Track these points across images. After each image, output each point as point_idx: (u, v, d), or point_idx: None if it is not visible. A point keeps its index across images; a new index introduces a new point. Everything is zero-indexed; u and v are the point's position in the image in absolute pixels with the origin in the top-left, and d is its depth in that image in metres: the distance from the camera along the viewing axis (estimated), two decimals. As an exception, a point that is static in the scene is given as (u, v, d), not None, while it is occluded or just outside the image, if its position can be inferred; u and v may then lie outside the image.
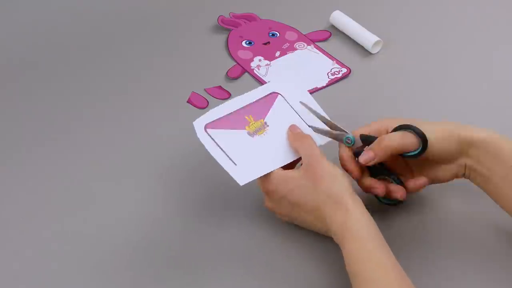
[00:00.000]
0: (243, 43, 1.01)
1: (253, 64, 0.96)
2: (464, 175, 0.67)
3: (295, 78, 0.93)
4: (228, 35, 1.03)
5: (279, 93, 0.74)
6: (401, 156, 0.66)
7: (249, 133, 0.71)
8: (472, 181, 0.67)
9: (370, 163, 0.65)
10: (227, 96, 0.91)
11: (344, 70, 0.94)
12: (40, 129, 0.87)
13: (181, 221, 0.73)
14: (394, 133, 0.66)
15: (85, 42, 1.04)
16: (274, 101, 0.73)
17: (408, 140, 0.64)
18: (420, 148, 0.64)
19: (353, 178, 0.67)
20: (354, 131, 0.69)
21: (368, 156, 0.65)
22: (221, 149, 0.69)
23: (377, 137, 0.66)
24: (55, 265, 0.69)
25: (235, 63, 0.97)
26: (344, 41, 1.00)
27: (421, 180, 0.68)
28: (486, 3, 1.08)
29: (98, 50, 1.02)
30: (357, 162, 0.67)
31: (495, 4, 1.07)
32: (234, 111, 0.72)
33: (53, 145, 0.84)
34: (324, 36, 1.02)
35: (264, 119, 0.72)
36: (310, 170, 0.64)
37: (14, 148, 0.84)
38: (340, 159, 0.68)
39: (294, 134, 0.70)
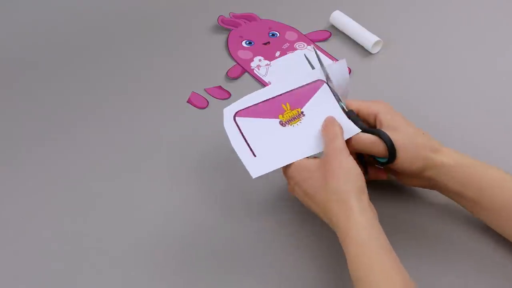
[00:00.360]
0: (243, 43, 1.01)
1: (253, 64, 0.96)
2: (431, 188, 0.69)
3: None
4: (228, 35, 1.03)
5: (325, 82, 0.70)
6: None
7: (281, 123, 0.68)
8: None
9: None
10: (227, 96, 0.91)
11: (344, 70, 0.94)
12: (40, 129, 0.87)
13: (181, 221, 0.73)
14: (367, 135, 0.67)
15: (85, 42, 1.04)
16: (318, 90, 0.70)
17: (377, 148, 0.66)
18: (387, 160, 0.66)
19: None
20: (350, 101, 0.70)
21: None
22: (245, 138, 0.67)
23: (359, 122, 0.68)
24: (55, 265, 0.69)
25: (235, 63, 0.97)
26: (344, 41, 1.00)
27: (381, 174, 0.71)
28: (486, 3, 1.08)
29: (98, 50, 1.02)
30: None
31: (495, 4, 1.07)
32: (271, 98, 0.68)
33: (53, 145, 0.84)
34: (324, 36, 1.02)
35: (302, 108, 0.68)
36: (326, 162, 0.63)
37: (14, 148, 0.84)
38: None
39: (325, 121, 0.68)
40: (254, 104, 0.68)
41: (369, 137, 0.66)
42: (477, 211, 0.66)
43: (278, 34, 1.02)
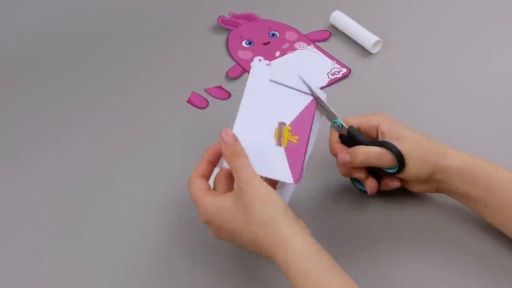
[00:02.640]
0: (243, 43, 1.01)
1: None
2: (439, 192, 0.69)
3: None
4: (228, 35, 1.03)
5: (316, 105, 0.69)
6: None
7: (277, 143, 0.65)
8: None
9: (346, 165, 0.68)
10: (227, 96, 0.91)
11: (344, 70, 0.94)
12: (40, 129, 0.87)
13: (181, 221, 0.73)
14: (373, 149, 0.66)
15: (85, 42, 1.04)
16: (314, 117, 0.69)
17: (385, 160, 0.66)
18: (397, 169, 0.66)
19: (337, 160, 0.69)
20: (347, 118, 0.70)
21: (344, 159, 0.67)
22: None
23: (361, 136, 0.68)
24: (55, 265, 0.69)
25: (235, 63, 0.97)
26: (344, 41, 1.00)
27: (394, 183, 0.70)
28: (486, 3, 1.08)
29: (98, 50, 1.02)
30: (343, 146, 0.70)
31: (495, 4, 1.07)
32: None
33: (53, 145, 0.84)
34: (324, 36, 1.02)
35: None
36: (241, 195, 0.58)
37: (14, 148, 0.84)
38: (329, 141, 0.71)
39: (227, 146, 0.61)
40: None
41: (376, 150, 0.66)
42: (484, 212, 0.66)
43: (278, 34, 1.02)
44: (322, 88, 0.91)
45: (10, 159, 0.83)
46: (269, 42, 1.01)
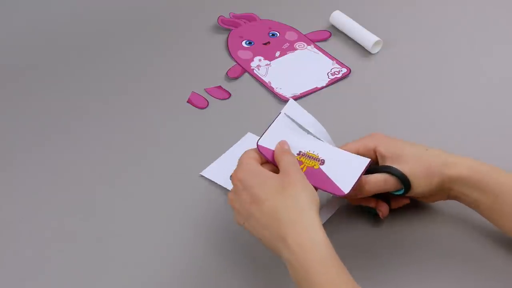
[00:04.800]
0: (243, 43, 1.01)
1: (253, 64, 0.96)
2: (450, 199, 0.68)
3: (294, 78, 0.93)
4: (228, 35, 1.03)
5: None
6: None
7: (321, 164, 0.66)
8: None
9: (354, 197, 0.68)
10: (227, 96, 0.91)
11: (344, 70, 0.94)
12: (40, 129, 0.87)
13: (181, 220, 0.73)
14: (376, 177, 0.66)
15: (85, 42, 1.04)
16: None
17: (390, 184, 0.66)
18: (403, 190, 0.66)
19: None
20: (345, 145, 0.69)
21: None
22: None
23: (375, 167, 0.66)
24: (55, 265, 0.69)
25: (235, 63, 0.97)
26: (344, 41, 1.00)
27: (404, 201, 0.70)
28: (486, 3, 1.08)
29: (98, 50, 1.02)
30: None
31: (495, 4, 1.07)
32: None
33: (53, 145, 0.84)
34: (324, 36, 1.02)
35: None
36: (285, 174, 0.61)
37: (14, 148, 0.84)
38: None
39: (279, 145, 0.66)
40: None
41: (379, 178, 0.65)
42: (495, 218, 0.65)
43: (278, 34, 1.02)
44: (322, 88, 0.91)
45: (10, 159, 0.82)
46: (269, 42, 1.01)
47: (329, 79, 0.93)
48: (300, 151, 0.67)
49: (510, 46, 0.98)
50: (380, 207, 0.69)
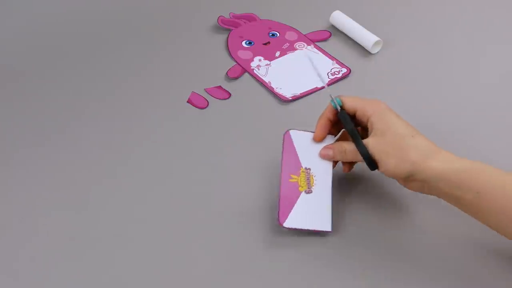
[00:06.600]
0: (243, 43, 1.01)
1: (253, 64, 0.96)
2: (430, 193, 0.68)
3: (294, 78, 0.93)
4: (228, 35, 1.03)
5: (288, 130, 0.73)
6: None
7: (306, 192, 0.70)
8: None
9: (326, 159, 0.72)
10: (227, 96, 0.91)
11: (344, 70, 0.94)
12: (39, 129, 0.87)
13: (181, 221, 0.73)
14: (349, 147, 0.69)
15: (85, 42, 1.04)
16: (291, 139, 0.72)
17: (359, 158, 0.69)
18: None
19: (314, 136, 0.73)
20: (346, 98, 0.71)
21: (327, 154, 0.72)
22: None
23: (348, 125, 0.70)
24: (55, 265, 0.69)
25: (235, 63, 0.97)
26: (344, 41, 1.00)
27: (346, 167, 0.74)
28: (486, 3, 1.08)
29: (98, 50, 1.02)
30: (325, 127, 0.72)
31: (495, 4, 1.07)
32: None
33: (52, 145, 0.84)
34: (324, 36, 1.02)
35: (301, 165, 0.71)
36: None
37: (12, 148, 0.84)
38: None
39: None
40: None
41: (351, 149, 0.69)
42: (477, 215, 0.65)
43: (278, 34, 1.02)
44: (322, 88, 0.91)
45: (7, 160, 0.82)
46: (269, 42, 1.01)
47: (329, 79, 0.93)
48: (307, 167, 0.71)
49: (511, 46, 0.98)
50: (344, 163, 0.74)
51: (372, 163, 0.67)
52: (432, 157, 0.65)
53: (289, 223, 0.68)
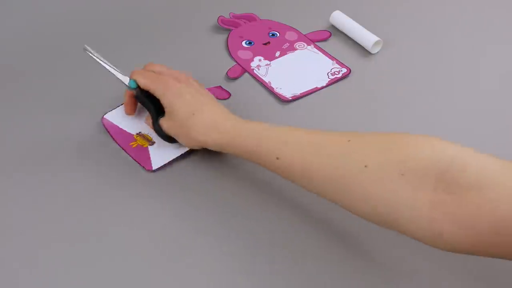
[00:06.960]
0: (243, 43, 1.01)
1: (253, 64, 0.96)
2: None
3: (294, 78, 0.93)
4: (228, 35, 1.03)
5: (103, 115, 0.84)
6: None
7: (150, 145, 0.80)
8: None
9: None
10: (227, 96, 0.91)
11: (344, 70, 0.94)
12: (40, 129, 0.87)
13: (181, 220, 0.73)
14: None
15: (85, 42, 1.03)
16: (110, 121, 0.84)
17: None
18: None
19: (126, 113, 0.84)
20: (140, 76, 0.80)
21: (149, 124, 0.82)
22: None
23: (147, 104, 0.79)
24: (55, 265, 0.69)
25: (235, 63, 0.97)
26: (344, 41, 1.00)
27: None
28: (486, 3, 1.08)
29: (97, 50, 1.01)
30: (132, 103, 0.84)
31: (495, 4, 1.07)
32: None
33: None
34: (324, 36, 1.02)
35: (132, 134, 0.82)
36: None
37: (12, 148, 0.84)
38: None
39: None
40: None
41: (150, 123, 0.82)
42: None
43: (278, 34, 1.02)
44: (322, 88, 0.91)
45: (9, 161, 0.83)
46: (269, 42, 1.01)
47: (329, 79, 0.93)
48: (139, 132, 0.81)
49: (511, 46, 0.98)
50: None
51: (169, 139, 0.78)
52: (213, 130, 0.72)
53: (155, 164, 0.77)
